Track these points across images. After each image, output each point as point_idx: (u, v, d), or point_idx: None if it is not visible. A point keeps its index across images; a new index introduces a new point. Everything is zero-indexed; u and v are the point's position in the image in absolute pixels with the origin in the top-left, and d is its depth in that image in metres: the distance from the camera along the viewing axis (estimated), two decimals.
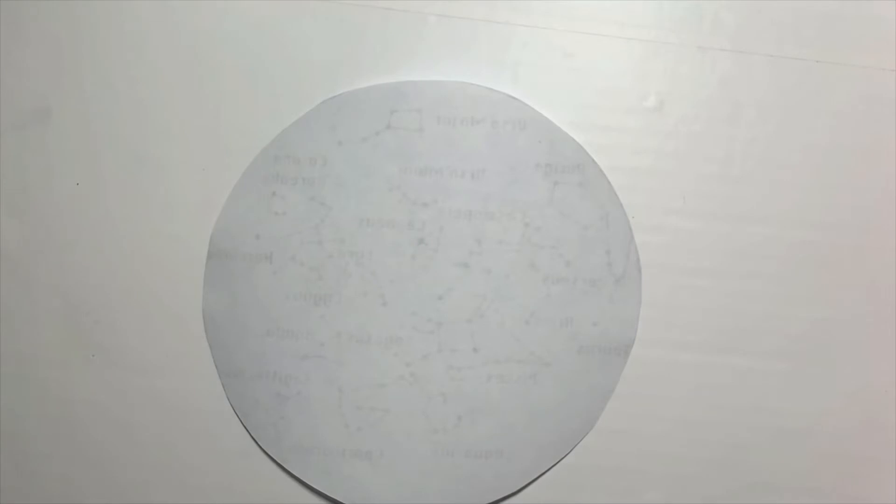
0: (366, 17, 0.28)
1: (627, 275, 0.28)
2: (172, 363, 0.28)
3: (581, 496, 0.29)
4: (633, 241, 0.28)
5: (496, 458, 0.28)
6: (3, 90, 0.28)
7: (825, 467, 0.29)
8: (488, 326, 0.28)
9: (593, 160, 0.28)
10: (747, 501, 0.28)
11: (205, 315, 0.28)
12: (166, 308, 0.28)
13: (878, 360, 0.29)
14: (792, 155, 0.29)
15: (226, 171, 0.28)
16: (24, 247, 0.28)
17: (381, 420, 0.28)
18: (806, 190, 0.29)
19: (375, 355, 0.28)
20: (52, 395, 0.29)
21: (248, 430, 0.28)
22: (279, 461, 0.28)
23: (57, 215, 0.28)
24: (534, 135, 0.28)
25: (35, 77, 0.28)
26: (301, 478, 0.28)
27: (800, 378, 0.29)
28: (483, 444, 0.28)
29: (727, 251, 0.29)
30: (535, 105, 0.28)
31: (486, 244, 0.28)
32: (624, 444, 0.29)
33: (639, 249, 0.28)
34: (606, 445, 0.28)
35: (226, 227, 0.28)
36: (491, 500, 0.28)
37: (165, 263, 0.28)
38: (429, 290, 0.28)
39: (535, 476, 0.28)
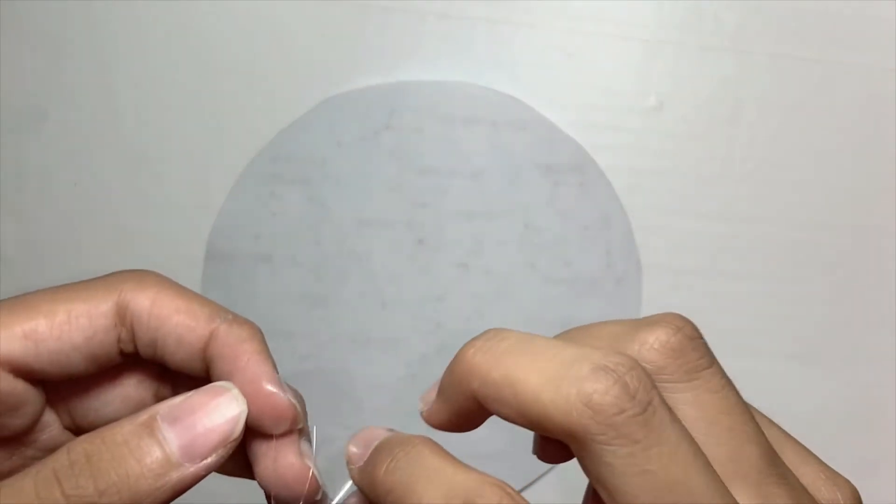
0: (366, 17, 0.28)
1: (627, 275, 0.28)
2: None
3: (581, 497, 0.28)
4: (633, 242, 0.28)
5: (496, 458, 0.28)
6: (3, 90, 0.28)
7: None
8: (488, 326, 0.28)
9: (593, 160, 0.28)
10: None
11: None
12: None
13: (878, 360, 0.29)
14: (792, 155, 0.29)
15: (225, 172, 0.28)
16: (23, 247, 0.28)
17: (380, 420, 0.28)
18: (806, 190, 0.29)
19: (375, 356, 0.28)
20: None
21: None
22: None
23: (56, 215, 0.28)
24: (534, 135, 0.28)
25: (34, 77, 0.28)
26: None
27: (800, 378, 0.29)
28: (483, 444, 0.28)
29: (727, 251, 0.29)
30: (535, 105, 0.28)
31: (486, 244, 0.28)
32: None
33: (639, 249, 0.28)
34: None
35: (224, 227, 0.28)
36: None
37: (164, 264, 0.28)
38: (428, 290, 0.28)
39: (536, 477, 0.28)
